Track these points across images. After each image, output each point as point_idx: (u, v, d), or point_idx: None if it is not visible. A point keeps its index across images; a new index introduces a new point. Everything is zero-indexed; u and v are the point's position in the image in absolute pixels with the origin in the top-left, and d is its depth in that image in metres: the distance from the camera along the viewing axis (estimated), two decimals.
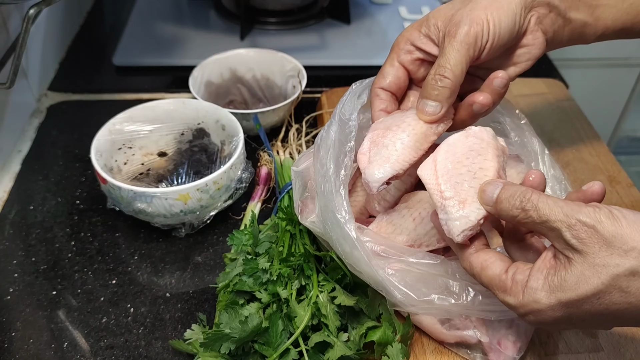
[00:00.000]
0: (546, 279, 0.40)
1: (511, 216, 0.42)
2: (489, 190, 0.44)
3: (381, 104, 0.56)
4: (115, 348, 0.58)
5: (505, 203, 0.43)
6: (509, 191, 0.43)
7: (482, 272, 0.44)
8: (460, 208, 0.45)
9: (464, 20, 0.51)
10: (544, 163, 0.60)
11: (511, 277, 0.43)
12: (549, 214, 0.40)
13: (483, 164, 0.47)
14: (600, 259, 0.38)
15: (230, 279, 0.58)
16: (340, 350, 0.52)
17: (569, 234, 0.39)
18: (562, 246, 0.40)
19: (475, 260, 0.45)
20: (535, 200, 0.41)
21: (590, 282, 0.38)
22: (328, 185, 0.52)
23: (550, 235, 0.41)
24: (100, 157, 0.68)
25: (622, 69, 1.40)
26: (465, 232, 0.45)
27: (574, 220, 0.39)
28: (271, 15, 1.06)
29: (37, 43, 0.89)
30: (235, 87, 0.88)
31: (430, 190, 0.47)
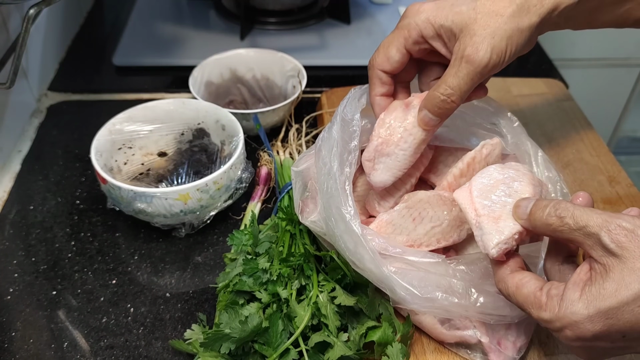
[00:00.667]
0: (583, 290, 0.40)
1: (546, 224, 0.42)
2: (523, 205, 0.45)
3: (382, 88, 0.56)
4: (115, 348, 0.58)
5: (539, 213, 0.43)
6: (542, 202, 0.43)
7: (517, 291, 0.44)
8: (494, 223, 0.46)
9: (486, 48, 0.50)
10: (537, 165, 0.60)
11: (546, 293, 0.42)
12: (587, 219, 0.40)
13: (519, 187, 0.48)
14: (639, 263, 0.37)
15: (230, 279, 0.58)
16: (340, 350, 0.52)
17: (607, 238, 0.38)
18: (600, 253, 0.39)
19: (511, 280, 0.44)
20: (571, 208, 0.41)
21: (631, 286, 0.37)
22: (332, 182, 0.52)
23: (587, 243, 0.40)
24: (100, 157, 0.68)
25: (622, 69, 1.40)
26: (500, 245, 0.45)
27: (613, 225, 0.39)
28: (271, 15, 1.06)
29: (37, 43, 0.89)
30: (235, 87, 0.88)
31: (465, 210, 0.48)
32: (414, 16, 0.54)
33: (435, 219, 0.58)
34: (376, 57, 0.56)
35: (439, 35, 0.53)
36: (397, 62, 0.55)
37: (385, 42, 0.56)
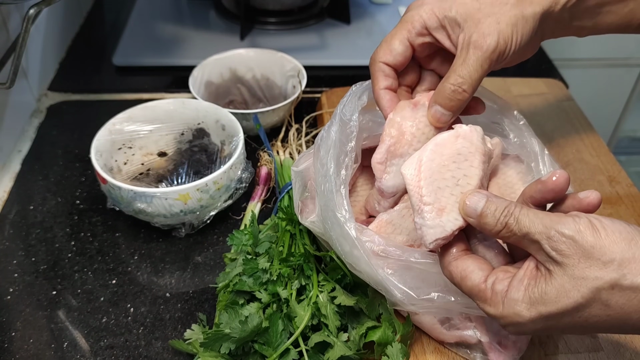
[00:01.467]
0: (527, 290, 0.40)
1: (495, 231, 0.42)
2: (473, 202, 0.43)
3: (386, 81, 0.54)
4: (115, 348, 0.58)
5: (490, 217, 0.42)
6: (494, 205, 0.42)
7: (462, 282, 0.44)
8: (438, 216, 0.45)
9: (492, 33, 0.49)
10: (544, 163, 0.60)
11: (491, 287, 0.42)
12: (529, 226, 0.40)
13: (468, 170, 0.46)
14: (580, 271, 0.37)
15: (230, 279, 0.58)
16: (340, 350, 0.52)
17: (548, 245, 0.39)
18: (543, 258, 0.39)
19: (455, 269, 0.44)
20: (517, 213, 0.41)
21: (571, 295, 0.38)
22: (328, 184, 0.52)
23: (532, 248, 0.40)
24: (100, 157, 0.68)
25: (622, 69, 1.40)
26: (438, 241, 0.45)
27: (553, 232, 0.38)
28: (271, 15, 1.06)
29: (37, 43, 0.89)
30: (235, 87, 0.88)
31: (411, 191, 0.46)
32: (417, 8, 0.53)
33: None
34: (378, 50, 0.55)
35: (443, 26, 0.52)
36: (400, 54, 0.54)
37: (388, 36, 0.54)
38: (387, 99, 0.55)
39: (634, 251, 0.37)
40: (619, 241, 0.37)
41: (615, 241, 0.37)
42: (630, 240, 0.37)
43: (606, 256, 0.37)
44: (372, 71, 0.55)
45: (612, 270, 0.37)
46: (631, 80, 1.43)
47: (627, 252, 0.37)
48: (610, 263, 0.37)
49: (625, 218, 0.71)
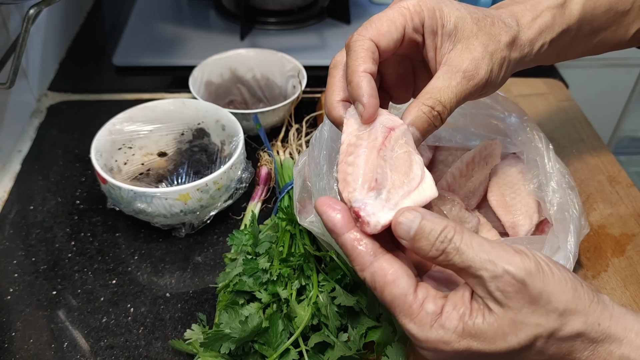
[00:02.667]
0: (461, 320, 0.37)
1: (430, 257, 0.37)
2: (406, 223, 0.38)
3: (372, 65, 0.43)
4: (115, 348, 0.58)
5: (423, 241, 0.37)
6: (428, 227, 0.37)
7: (385, 288, 0.38)
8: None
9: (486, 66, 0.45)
10: (549, 158, 0.60)
11: (420, 304, 0.37)
12: (473, 258, 0.36)
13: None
14: (522, 316, 0.36)
15: (230, 279, 0.58)
16: (340, 351, 0.52)
17: (493, 285, 0.36)
18: (483, 294, 0.37)
19: (379, 271, 0.38)
20: (458, 241, 0.36)
21: (508, 339, 0.36)
22: (322, 183, 0.52)
23: (472, 282, 0.37)
24: (100, 157, 0.68)
25: (622, 69, 1.40)
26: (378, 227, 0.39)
27: (500, 271, 0.35)
28: (271, 15, 1.06)
29: (37, 43, 0.89)
30: (235, 87, 0.88)
31: None
32: None
33: None
34: (367, 27, 0.44)
35: (436, 33, 0.45)
36: (394, 41, 0.44)
37: (382, 15, 0.45)
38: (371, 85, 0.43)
39: (577, 302, 0.36)
40: (565, 290, 0.36)
41: (562, 289, 0.36)
42: (575, 290, 0.37)
43: (551, 305, 0.36)
44: (355, 48, 0.43)
45: (553, 320, 0.36)
46: (631, 80, 1.42)
47: (571, 302, 0.36)
48: (553, 312, 0.36)
49: (625, 218, 0.71)
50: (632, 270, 0.65)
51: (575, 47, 0.54)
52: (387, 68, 0.50)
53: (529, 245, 0.56)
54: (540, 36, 0.49)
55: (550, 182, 0.58)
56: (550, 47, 0.50)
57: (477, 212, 0.65)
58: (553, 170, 0.59)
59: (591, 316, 0.37)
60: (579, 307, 0.36)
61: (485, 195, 0.65)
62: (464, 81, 0.44)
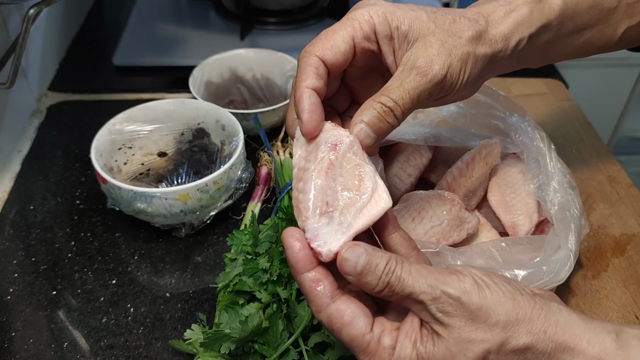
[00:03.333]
0: (414, 347, 0.38)
1: (376, 292, 0.38)
2: (352, 257, 0.38)
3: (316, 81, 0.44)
4: (115, 348, 0.58)
5: (370, 276, 0.38)
6: (373, 262, 0.38)
7: (343, 329, 0.38)
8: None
9: (442, 63, 0.44)
10: (550, 158, 0.60)
11: (377, 340, 0.38)
12: (412, 285, 0.37)
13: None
14: (466, 334, 0.36)
15: (230, 279, 0.58)
16: (340, 351, 0.52)
17: (434, 307, 0.37)
18: (428, 319, 0.38)
19: (336, 312, 0.38)
20: (398, 271, 0.37)
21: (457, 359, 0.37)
22: None
23: (415, 308, 0.38)
24: (100, 157, 0.67)
25: (622, 69, 1.40)
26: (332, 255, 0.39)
27: (438, 292, 0.37)
28: (271, 15, 1.06)
29: (37, 43, 0.89)
30: (235, 87, 0.88)
31: None
32: (367, 7, 0.45)
33: (435, 219, 0.58)
34: (315, 43, 0.45)
35: (392, 37, 0.45)
36: (342, 53, 0.44)
37: (329, 30, 0.45)
38: (312, 101, 0.43)
39: (517, 311, 0.36)
40: (504, 301, 0.37)
41: (499, 302, 0.37)
42: (514, 299, 0.37)
43: (492, 319, 0.36)
44: (301, 65, 0.44)
45: (497, 333, 0.36)
46: (631, 80, 1.43)
47: (511, 313, 0.36)
48: (496, 325, 0.36)
49: (625, 218, 0.71)
50: (632, 270, 0.65)
51: (560, 46, 0.53)
52: (354, 82, 0.50)
53: (529, 244, 0.56)
54: (515, 31, 0.48)
55: (551, 182, 0.58)
56: (530, 44, 0.49)
57: (477, 212, 0.65)
58: (555, 170, 0.59)
59: (535, 324, 0.36)
60: (519, 316, 0.36)
61: (485, 195, 0.65)
62: (418, 77, 0.43)
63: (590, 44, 0.54)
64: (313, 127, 0.43)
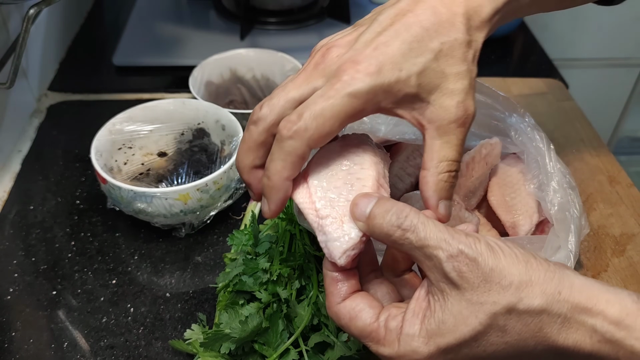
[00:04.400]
0: (422, 323, 0.37)
1: (386, 234, 0.37)
2: (362, 204, 0.38)
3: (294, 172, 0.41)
4: (115, 348, 0.58)
5: (379, 218, 0.37)
6: (384, 206, 0.38)
7: (350, 323, 0.39)
8: (339, 226, 0.39)
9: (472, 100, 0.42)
10: (550, 158, 0.60)
11: (384, 325, 0.38)
12: (428, 237, 0.36)
13: (360, 173, 0.42)
14: (478, 296, 0.35)
15: (230, 279, 0.58)
16: (340, 351, 0.52)
17: (449, 265, 0.35)
18: (438, 278, 0.36)
19: (343, 309, 0.40)
20: (414, 219, 0.37)
21: (469, 322, 0.36)
22: None
23: (427, 264, 0.37)
24: (100, 157, 0.68)
25: (622, 69, 1.40)
26: (348, 252, 0.39)
27: (456, 250, 0.35)
28: (271, 15, 1.06)
29: (37, 43, 0.89)
30: (235, 87, 0.88)
31: (305, 211, 0.41)
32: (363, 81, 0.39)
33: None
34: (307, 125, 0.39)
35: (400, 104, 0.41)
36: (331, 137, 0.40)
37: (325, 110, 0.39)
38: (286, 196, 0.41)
39: (531, 274, 0.36)
40: (516, 263, 0.36)
41: (512, 263, 0.36)
42: (527, 262, 0.36)
43: (505, 279, 0.35)
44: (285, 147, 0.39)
45: (510, 294, 0.35)
46: (631, 80, 1.43)
47: (524, 275, 0.36)
48: (509, 287, 0.35)
49: (625, 218, 0.71)
50: (632, 270, 0.65)
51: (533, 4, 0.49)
52: None
53: (529, 244, 0.56)
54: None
55: (551, 182, 0.58)
56: None
57: (477, 212, 0.65)
58: (554, 170, 0.59)
59: (549, 285, 0.35)
60: (533, 278, 0.36)
61: (485, 195, 0.65)
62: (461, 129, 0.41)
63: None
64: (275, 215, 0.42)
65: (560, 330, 0.35)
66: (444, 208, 0.42)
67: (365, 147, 0.44)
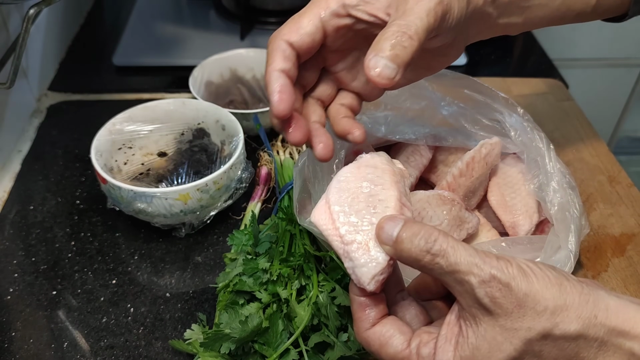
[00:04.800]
0: (456, 350, 0.36)
1: (414, 259, 0.36)
2: (388, 228, 0.38)
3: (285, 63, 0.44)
4: (115, 348, 0.58)
5: (406, 243, 0.36)
6: (412, 229, 0.37)
7: (381, 350, 0.39)
8: (365, 252, 0.39)
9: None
10: (549, 158, 0.60)
11: (416, 352, 0.38)
12: (459, 262, 0.35)
13: (382, 194, 0.41)
14: (512, 322, 0.35)
15: (230, 279, 0.58)
16: (340, 351, 0.52)
17: (482, 291, 0.35)
18: (470, 303, 0.36)
19: (373, 335, 0.39)
20: (444, 244, 0.36)
21: (503, 348, 0.35)
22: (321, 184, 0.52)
23: (457, 289, 0.36)
24: (100, 157, 0.68)
25: (622, 69, 1.40)
26: (377, 277, 0.39)
27: (488, 275, 0.34)
28: (271, 15, 1.06)
29: (37, 43, 0.89)
30: (235, 87, 0.88)
31: (329, 237, 0.40)
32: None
33: (435, 219, 0.58)
34: (282, 28, 0.45)
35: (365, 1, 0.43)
36: (309, 35, 0.44)
37: (296, 14, 0.46)
38: (280, 82, 0.43)
39: (565, 297, 0.35)
40: (550, 287, 0.35)
41: (546, 287, 0.35)
42: (560, 285, 0.35)
43: (539, 305, 0.34)
44: (269, 50, 0.45)
45: (545, 320, 0.34)
46: (631, 80, 1.43)
47: (558, 299, 0.35)
48: (544, 312, 0.34)
49: (626, 218, 0.71)
50: (632, 270, 0.65)
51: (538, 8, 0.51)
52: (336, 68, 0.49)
53: (529, 244, 0.56)
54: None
55: (551, 182, 0.58)
56: None
57: (477, 212, 0.65)
58: (554, 170, 0.59)
59: (584, 309, 0.35)
60: (568, 302, 0.35)
61: (485, 195, 0.65)
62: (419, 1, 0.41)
63: (567, 8, 0.52)
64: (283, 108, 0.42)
65: (597, 354, 0.35)
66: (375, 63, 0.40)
67: (384, 166, 0.43)
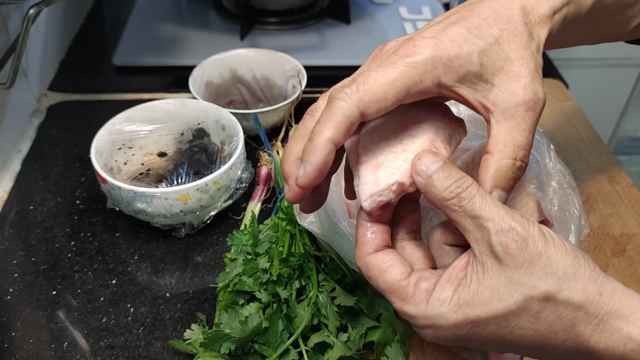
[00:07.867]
0: (456, 290, 0.36)
1: (441, 197, 0.37)
2: (427, 161, 0.38)
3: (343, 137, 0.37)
4: (115, 348, 0.58)
5: (439, 181, 0.37)
6: (448, 171, 0.37)
7: (379, 275, 0.38)
8: (373, 171, 0.39)
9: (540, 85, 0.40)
10: (550, 158, 0.60)
11: (414, 284, 0.37)
12: (483, 208, 0.36)
13: (415, 131, 0.40)
14: (519, 276, 0.35)
15: (230, 279, 0.58)
16: (340, 351, 0.52)
17: (498, 238, 0.35)
18: (483, 250, 0.36)
19: (373, 261, 0.39)
20: (473, 191, 0.36)
21: (504, 299, 0.35)
22: None
23: (474, 235, 0.36)
24: (100, 157, 0.68)
25: (622, 69, 1.40)
26: (374, 197, 0.38)
27: (507, 226, 0.35)
28: (271, 15, 1.06)
29: (37, 43, 0.89)
30: (235, 87, 0.88)
31: (349, 155, 0.40)
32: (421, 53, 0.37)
33: (435, 219, 0.58)
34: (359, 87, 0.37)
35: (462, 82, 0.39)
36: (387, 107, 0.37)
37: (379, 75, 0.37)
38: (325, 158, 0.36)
39: (577, 268, 0.35)
40: (565, 255, 0.35)
41: (561, 254, 0.35)
42: (575, 257, 0.36)
43: (551, 267, 0.35)
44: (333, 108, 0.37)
45: (552, 282, 0.34)
46: (631, 80, 1.43)
47: (570, 267, 0.35)
48: (553, 275, 0.35)
49: (625, 218, 0.71)
50: (632, 270, 0.65)
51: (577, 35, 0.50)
52: None
53: None
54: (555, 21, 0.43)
55: (551, 182, 0.58)
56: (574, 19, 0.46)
57: None
58: (554, 170, 0.59)
59: (592, 284, 0.35)
60: (578, 273, 0.35)
61: None
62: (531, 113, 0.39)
63: (602, 35, 0.52)
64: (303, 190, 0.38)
65: (594, 332, 0.35)
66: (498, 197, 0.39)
67: (436, 112, 0.41)
